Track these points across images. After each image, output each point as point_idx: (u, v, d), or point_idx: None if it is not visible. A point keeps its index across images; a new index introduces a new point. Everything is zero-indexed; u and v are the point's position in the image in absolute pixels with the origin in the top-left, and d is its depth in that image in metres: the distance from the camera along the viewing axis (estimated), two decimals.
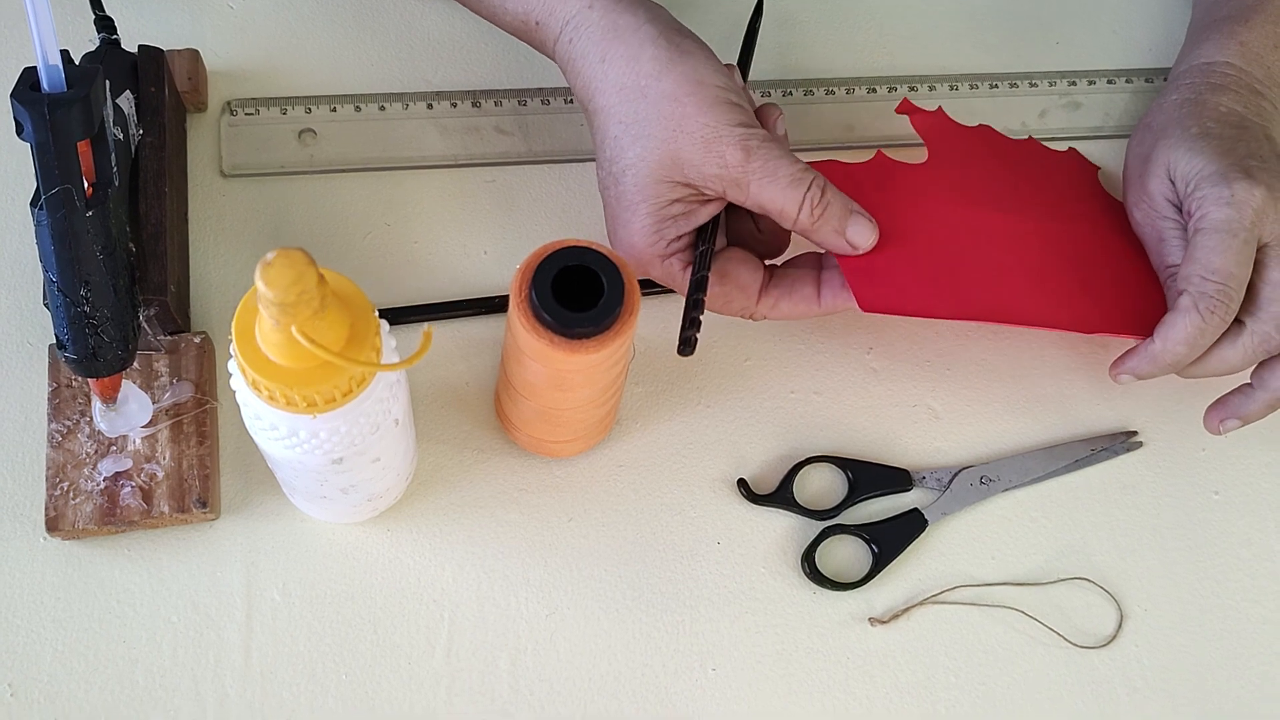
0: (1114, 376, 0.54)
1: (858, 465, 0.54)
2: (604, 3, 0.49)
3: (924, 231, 0.53)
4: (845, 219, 0.49)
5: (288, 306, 0.34)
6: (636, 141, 0.48)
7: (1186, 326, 0.50)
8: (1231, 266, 0.50)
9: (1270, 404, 0.52)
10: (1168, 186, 0.54)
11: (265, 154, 0.57)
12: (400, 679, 0.49)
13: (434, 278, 0.56)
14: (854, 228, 0.49)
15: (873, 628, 0.52)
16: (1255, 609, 0.54)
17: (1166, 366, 0.52)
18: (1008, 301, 0.52)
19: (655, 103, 0.48)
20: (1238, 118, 0.55)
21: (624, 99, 0.48)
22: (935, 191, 0.55)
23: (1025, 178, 0.58)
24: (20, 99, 0.42)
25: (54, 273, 0.44)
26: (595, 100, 0.50)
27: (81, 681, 0.48)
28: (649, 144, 0.48)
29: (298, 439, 0.40)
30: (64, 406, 0.50)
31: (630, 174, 0.48)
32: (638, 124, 0.48)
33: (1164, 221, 0.54)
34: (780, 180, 0.47)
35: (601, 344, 0.42)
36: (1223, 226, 0.51)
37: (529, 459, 0.53)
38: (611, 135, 0.49)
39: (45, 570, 0.49)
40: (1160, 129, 0.56)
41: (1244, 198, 0.50)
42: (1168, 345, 0.51)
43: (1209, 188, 0.52)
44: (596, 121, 0.50)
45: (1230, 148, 0.53)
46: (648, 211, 0.49)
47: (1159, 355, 0.51)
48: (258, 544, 0.51)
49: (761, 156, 0.47)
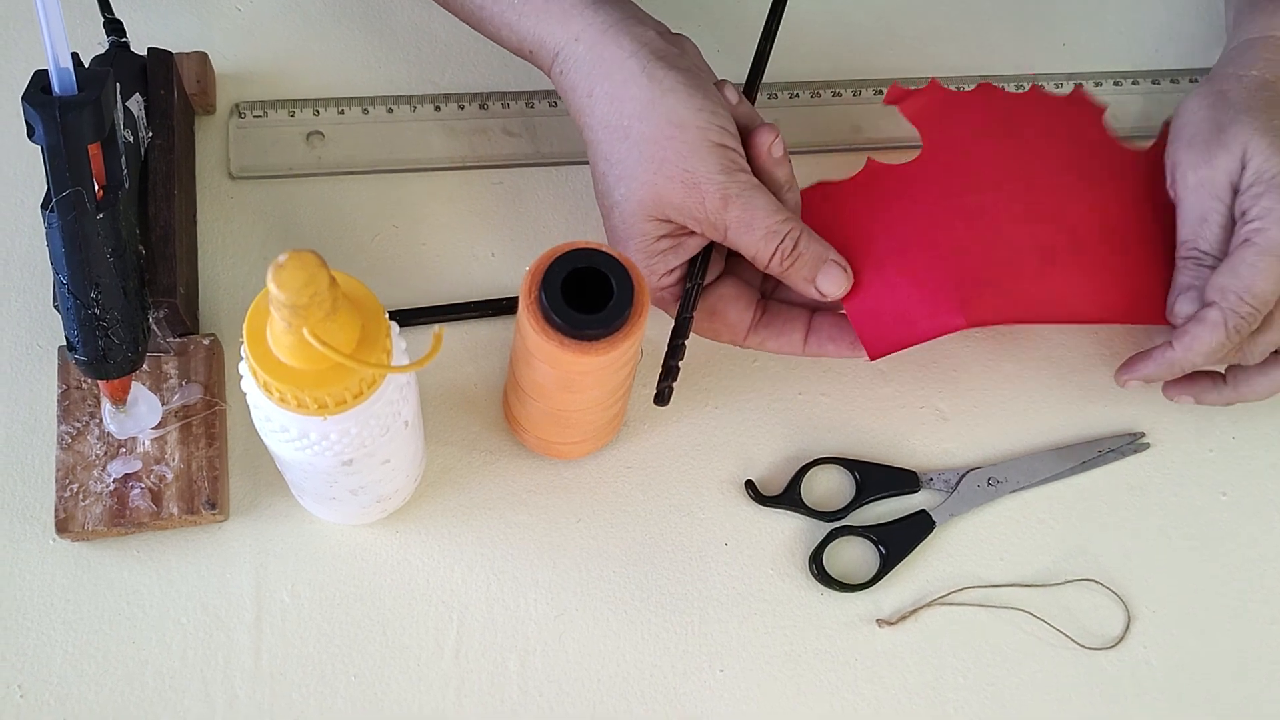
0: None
1: (865, 466, 0.54)
2: (591, 35, 0.49)
3: (924, 239, 0.52)
4: (816, 268, 0.49)
5: (300, 309, 0.34)
6: (621, 181, 0.48)
7: (1212, 341, 0.50)
8: (1269, 293, 0.50)
9: (1230, 400, 0.54)
10: (1238, 170, 0.52)
11: (273, 156, 0.57)
12: (409, 680, 0.49)
13: (441, 280, 0.56)
14: (825, 277, 0.49)
15: (881, 629, 0.52)
16: (1263, 609, 0.54)
17: (1181, 373, 0.52)
18: (1018, 299, 0.52)
19: (638, 144, 0.48)
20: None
21: (610, 137, 0.49)
22: (931, 187, 0.54)
23: (1030, 140, 0.56)
24: (32, 102, 0.43)
25: (64, 275, 0.44)
26: (585, 133, 0.50)
27: (91, 683, 0.48)
28: (633, 185, 0.48)
29: (308, 441, 0.40)
30: (73, 408, 0.50)
31: (617, 211, 0.49)
32: (622, 164, 0.48)
33: (1214, 202, 0.52)
34: (755, 231, 0.48)
35: (611, 346, 0.42)
36: (1275, 249, 0.49)
37: (537, 460, 0.53)
38: (600, 171, 0.50)
39: (55, 572, 0.49)
40: (1241, 105, 0.53)
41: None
42: (1189, 355, 0.51)
43: (1271, 199, 0.50)
44: (589, 152, 0.51)
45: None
46: (637, 247, 0.49)
47: (1176, 363, 0.51)
48: (267, 545, 0.51)
49: (739, 206, 0.47)
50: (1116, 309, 0.53)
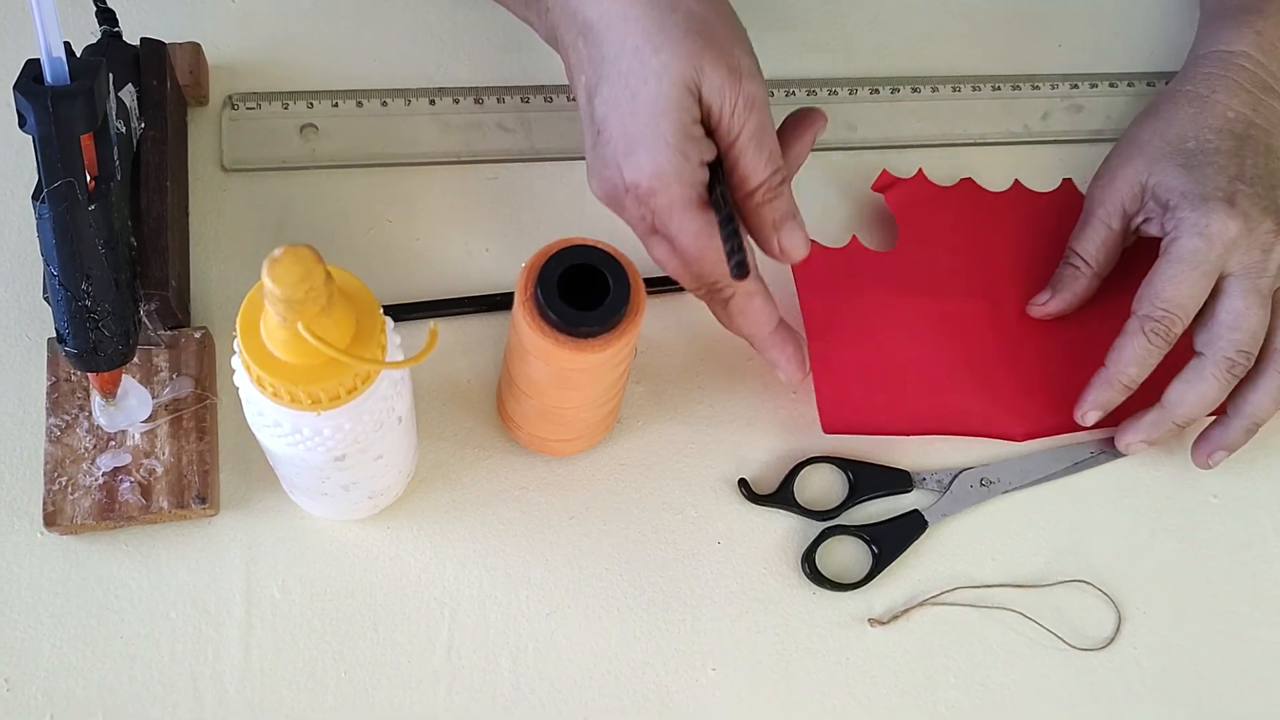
0: (1079, 418, 0.54)
1: (858, 466, 0.54)
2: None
3: (895, 336, 0.56)
4: (787, 218, 0.48)
5: (294, 303, 0.34)
6: (660, 50, 0.45)
7: (1134, 348, 0.52)
8: (1183, 298, 0.52)
9: (1248, 428, 0.54)
10: (1134, 198, 0.55)
11: (267, 149, 0.57)
12: (400, 677, 0.49)
13: (436, 275, 0.56)
14: (790, 233, 0.48)
15: (872, 628, 0.52)
16: (1253, 612, 0.54)
17: (1123, 388, 0.53)
18: (974, 413, 0.55)
19: (686, 16, 0.45)
20: (1243, 125, 0.55)
21: (652, 9, 0.46)
22: (906, 284, 0.57)
23: (1007, 240, 0.59)
24: (23, 91, 0.42)
25: (55, 266, 0.44)
26: (606, 12, 0.47)
27: (79, 677, 0.48)
28: (676, 53, 0.45)
29: (301, 436, 0.40)
30: (63, 401, 0.50)
31: (654, 82, 0.45)
32: (663, 32, 0.45)
33: (1104, 210, 0.56)
34: (764, 148, 0.46)
35: (606, 343, 0.42)
36: (1187, 257, 0.52)
37: (530, 457, 0.53)
38: (630, 45, 0.46)
39: (43, 565, 0.49)
40: (1162, 122, 0.56)
41: (1218, 230, 0.52)
42: (1119, 367, 0.53)
43: (1188, 211, 0.53)
44: (599, 36, 0.47)
45: (1223, 166, 0.53)
46: (672, 127, 0.45)
47: (1113, 378, 0.53)
48: (257, 540, 0.50)
49: (759, 114, 0.46)
50: (1050, 423, 0.56)
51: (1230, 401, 0.54)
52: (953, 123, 0.62)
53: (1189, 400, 0.53)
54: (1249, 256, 0.52)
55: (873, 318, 0.56)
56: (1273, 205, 0.53)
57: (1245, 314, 0.52)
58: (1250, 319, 0.52)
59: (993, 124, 0.63)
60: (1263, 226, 0.52)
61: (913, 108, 0.62)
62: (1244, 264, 0.52)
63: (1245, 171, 0.53)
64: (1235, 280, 0.52)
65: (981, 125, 0.63)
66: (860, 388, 0.54)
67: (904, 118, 0.62)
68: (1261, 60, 0.57)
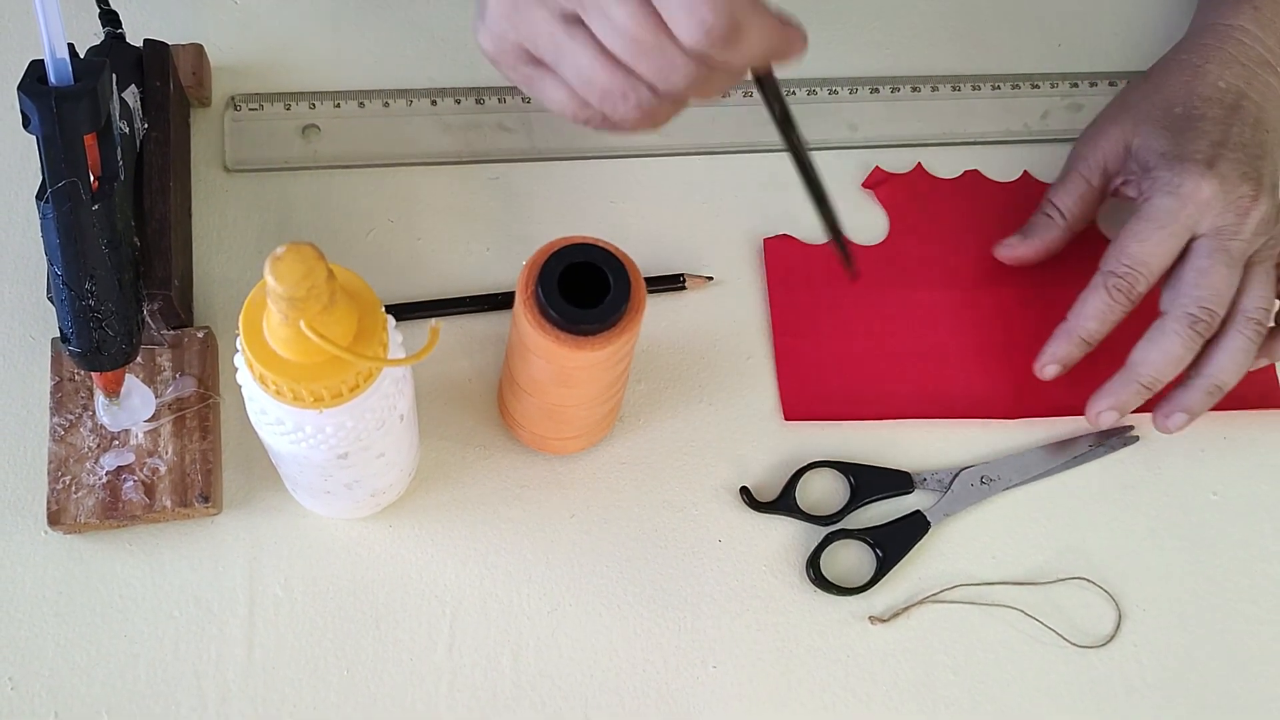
0: (1038, 371, 0.54)
1: (859, 469, 0.54)
2: None
3: (866, 326, 0.57)
4: None
5: (297, 301, 0.34)
6: None
7: (1095, 303, 0.53)
8: (1147, 255, 0.52)
9: (1208, 390, 0.53)
10: (1116, 158, 0.56)
11: (269, 149, 0.57)
12: (402, 674, 0.49)
13: (437, 274, 0.56)
14: None
15: (873, 626, 0.52)
16: (1252, 609, 0.54)
17: (1082, 343, 0.54)
18: (965, 396, 0.56)
19: None
20: (1234, 96, 0.55)
21: None
22: (886, 276, 0.58)
23: (1007, 230, 0.59)
24: (27, 92, 0.42)
25: (59, 266, 0.44)
26: None
27: (83, 675, 0.48)
28: None
29: (304, 434, 0.40)
30: (66, 400, 0.50)
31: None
32: None
33: (1085, 166, 0.56)
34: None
35: (607, 341, 0.42)
36: (1156, 215, 0.52)
37: (531, 455, 0.53)
38: None
39: (47, 564, 0.49)
40: (1149, 85, 0.57)
41: (1190, 190, 0.52)
42: (1079, 321, 0.53)
43: (1164, 170, 0.53)
44: None
45: (1207, 131, 0.53)
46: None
47: (1072, 331, 0.54)
48: (260, 539, 0.51)
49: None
50: (1048, 405, 0.56)
51: (1193, 363, 0.53)
52: (953, 122, 0.63)
53: (1152, 359, 0.52)
54: (1222, 219, 0.52)
55: (851, 310, 0.57)
56: (1254, 173, 0.53)
57: (1209, 271, 0.52)
58: (1214, 277, 0.52)
59: (993, 123, 0.63)
60: (1239, 190, 0.52)
61: (912, 107, 0.62)
62: (1215, 225, 0.52)
63: (1230, 138, 0.53)
64: (1204, 240, 0.52)
65: (981, 124, 0.63)
66: (827, 377, 0.56)
67: (904, 117, 0.62)
68: (1259, 35, 0.57)
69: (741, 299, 0.57)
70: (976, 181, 0.61)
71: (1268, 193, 0.53)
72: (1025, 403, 0.56)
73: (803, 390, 0.55)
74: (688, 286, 0.57)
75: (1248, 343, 0.52)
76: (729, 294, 0.57)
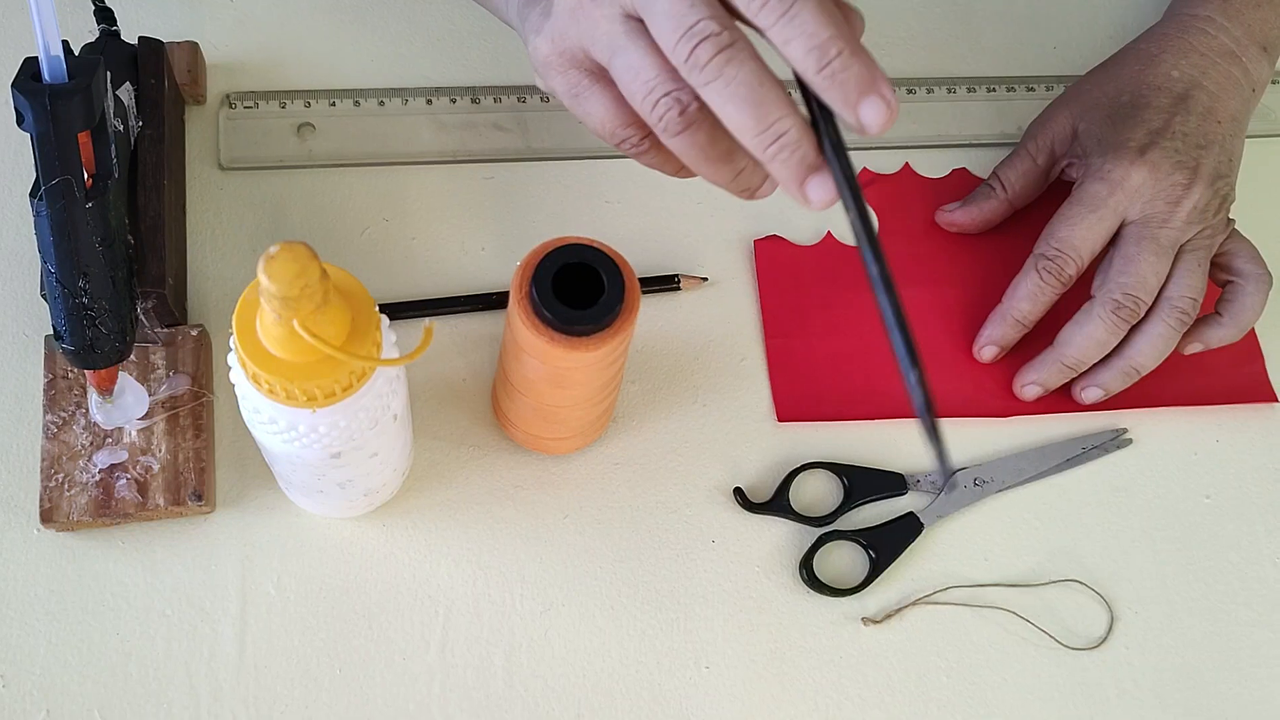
0: (976, 353, 0.56)
1: (853, 471, 0.54)
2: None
3: (856, 327, 0.57)
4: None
5: (290, 300, 0.34)
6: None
7: (1027, 285, 0.55)
8: (1076, 239, 0.54)
9: (1125, 372, 0.55)
10: (1063, 140, 0.57)
11: (263, 148, 0.57)
12: (394, 674, 0.49)
13: (431, 274, 0.56)
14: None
15: (866, 627, 0.52)
16: (1244, 612, 0.54)
17: (1016, 324, 0.55)
18: (954, 394, 0.56)
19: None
20: (1184, 86, 0.55)
21: None
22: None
23: (996, 227, 0.60)
24: (21, 89, 0.42)
25: (53, 264, 0.44)
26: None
27: (75, 674, 0.48)
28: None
29: (297, 433, 0.40)
30: (59, 398, 0.50)
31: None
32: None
33: (1033, 144, 0.58)
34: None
35: (601, 341, 0.42)
36: (1086, 199, 0.54)
37: (525, 455, 0.53)
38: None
39: (39, 562, 0.49)
40: (1097, 81, 0.57)
41: (1119, 176, 0.53)
42: (1012, 302, 0.55)
43: (1097, 157, 0.55)
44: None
45: (1147, 120, 0.54)
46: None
47: (1005, 313, 0.55)
48: (253, 538, 0.51)
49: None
50: (1038, 403, 0.57)
51: (1118, 346, 0.54)
52: (946, 124, 0.63)
53: (1076, 340, 0.54)
54: (1151, 207, 0.53)
55: (842, 311, 0.57)
56: (1190, 162, 0.53)
57: (1136, 259, 0.53)
58: (1141, 264, 0.53)
59: (986, 125, 0.63)
60: (1171, 178, 0.53)
61: (906, 109, 0.62)
62: (1145, 213, 0.53)
63: (1171, 127, 0.54)
64: (1134, 227, 0.53)
65: (975, 127, 0.63)
66: (820, 378, 0.56)
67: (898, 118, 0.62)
68: (1225, 25, 0.57)
69: (736, 300, 0.57)
70: (964, 180, 0.61)
71: (1203, 182, 0.53)
72: (1016, 401, 0.56)
73: (795, 391, 0.55)
74: (682, 287, 0.57)
75: (1170, 330, 0.54)
76: (723, 295, 0.57)
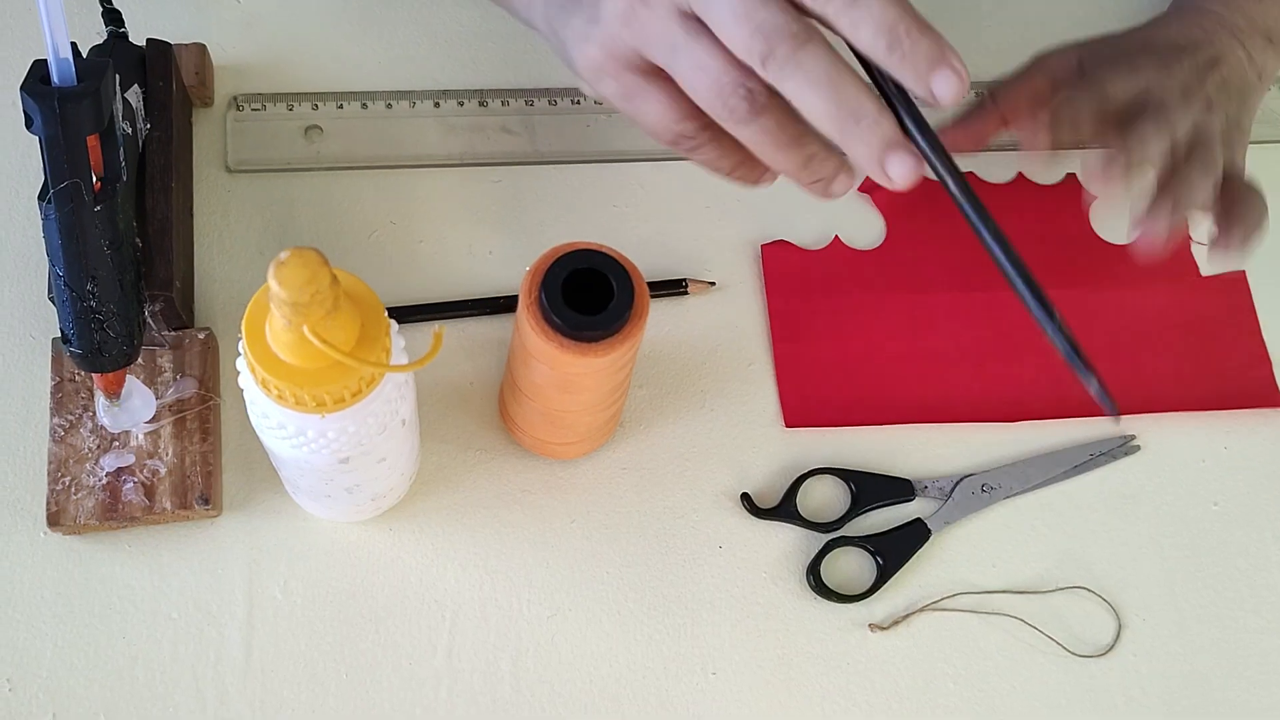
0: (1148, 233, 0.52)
1: (860, 476, 0.54)
2: None
3: (864, 331, 0.57)
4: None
5: (300, 306, 0.34)
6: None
7: (1144, 131, 0.52)
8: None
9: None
10: (1066, 69, 0.55)
11: (271, 150, 0.57)
12: (401, 679, 0.49)
13: (439, 277, 0.56)
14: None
15: (873, 634, 0.52)
16: (1253, 619, 0.54)
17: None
18: (964, 400, 0.56)
19: None
20: (1191, 42, 0.55)
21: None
22: (883, 280, 0.58)
23: (1008, 230, 0.59)
24: (30, 92, 0.42)
25: (61, 267, 0.44)
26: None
27: (81, 677, 0.48)
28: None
29: (305, 438, 0.40)
30: (67, 401, 0.50)
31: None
32: None
33: (1036, 66, 0.56)
34: None
35: (610, 347, 0.42)
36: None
37: (532, 460, 0.53)
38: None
39: (46, 565, 0.49)
40: (1108, 38, 0.57)
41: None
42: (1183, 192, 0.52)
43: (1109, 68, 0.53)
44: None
45: (1155, 53, 0.54)
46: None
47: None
48: (260, 541, 0.51)
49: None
50: (1048, 408, 0.56)
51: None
52: None
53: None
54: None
55: (850, 315, 0.57)
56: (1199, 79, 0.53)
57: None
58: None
59: None
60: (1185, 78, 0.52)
61: None
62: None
63: (1180, 60, 0.53)
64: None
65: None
66: (828, 383, 0.56)
67: None
68: (1225, 15, 0.57)
69: (744, 304, 0.57)
70: (971, 184, 0.61)
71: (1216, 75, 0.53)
72: (1026, 406, 0.56)
73: (803, 396, 0.55)
74: (690, 291, 0.57)
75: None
76: (731, 299, 0.57)
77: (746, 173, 0.45)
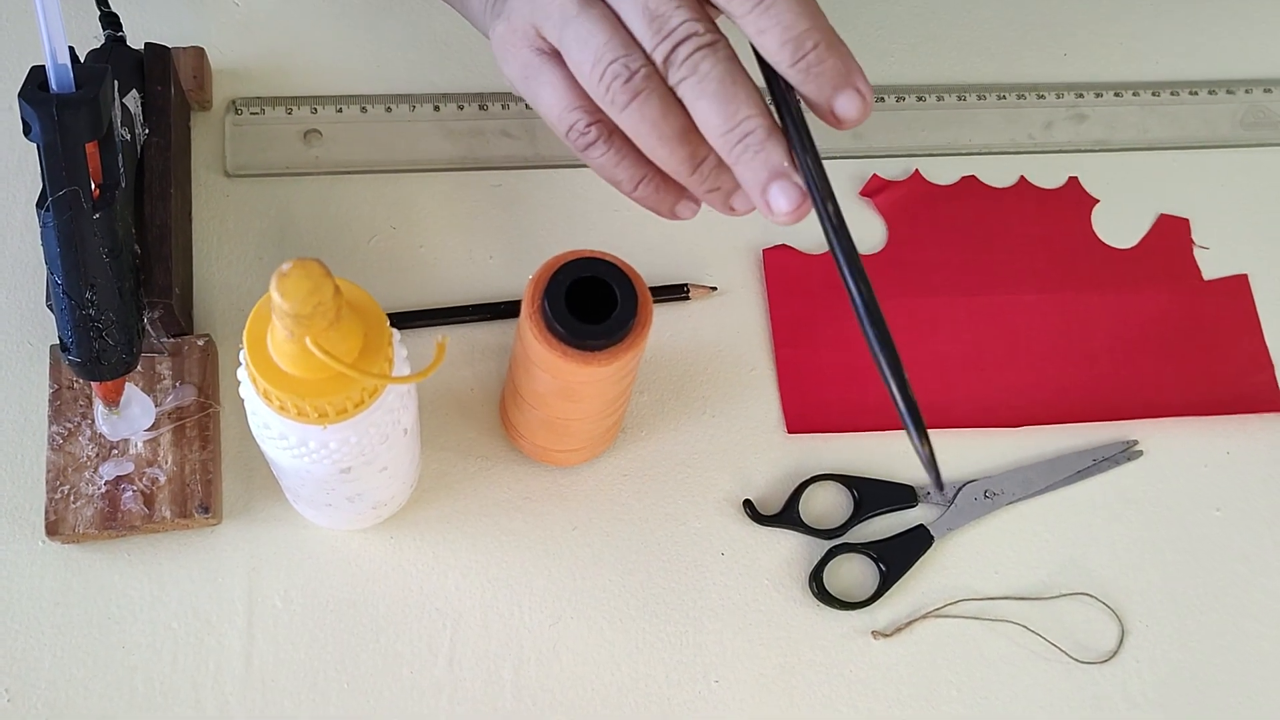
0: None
1: (862, 483, 0.54)
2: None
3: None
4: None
5: (303, 318, 0.34)
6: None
7: None
8: None
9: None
10: None
11: (270, 154, 0.57)
12: (402, 687, 0.49)
13: (439, 282, 0.56)
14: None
15: (875, 641, 0.52)
16: (1254, 625, 0.54)
17: None
18: (967, 405, 0.56)
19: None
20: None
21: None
22: (895, 285, 0.58)
23: (1009, 235, 0.60)
24: (28, 99, 0.42)
25: (59, 275, 0.43)
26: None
27: (80, 687, 0.48)
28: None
29: (307, 449, 0.40)
30: (65, 409, 0.49)
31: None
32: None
33: None
34: None
35: (613, 356, 0.42)
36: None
37: (533, 467, 0.53)
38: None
39: (44, 574, 0.49)
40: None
41: None
42: None
43: None
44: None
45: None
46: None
47: None
48: (260, 550, 0.50)
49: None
50: (1050, 413, 0.56)
51: None
52: (956, 132, 0.62)
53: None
54: None
55: (852, 320, 0.55)
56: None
57: None
58: None
59: (996, 134, 0.63)
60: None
61: (916, 116, 0.62)
62: None
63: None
64: None
65: (985, 135, 0.62)
66: (830, 388, 0.55)
67: (907, 126, 0.62)
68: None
69: (745, 310, 0.57)
70: (973, 187, 0.61)
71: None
72: (1028, 411, 0.56)
73: (806, 402, 0.55)
74: (691, 297, 0.56)
75: None
76: (732, 305, 0.57)
77: (651, 193, 0.41)
